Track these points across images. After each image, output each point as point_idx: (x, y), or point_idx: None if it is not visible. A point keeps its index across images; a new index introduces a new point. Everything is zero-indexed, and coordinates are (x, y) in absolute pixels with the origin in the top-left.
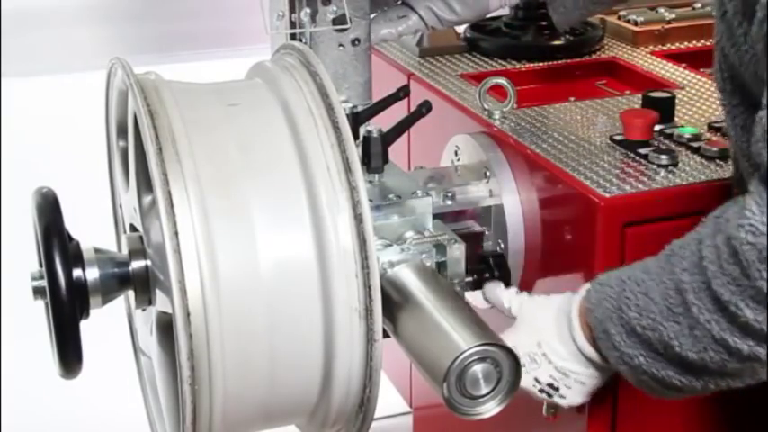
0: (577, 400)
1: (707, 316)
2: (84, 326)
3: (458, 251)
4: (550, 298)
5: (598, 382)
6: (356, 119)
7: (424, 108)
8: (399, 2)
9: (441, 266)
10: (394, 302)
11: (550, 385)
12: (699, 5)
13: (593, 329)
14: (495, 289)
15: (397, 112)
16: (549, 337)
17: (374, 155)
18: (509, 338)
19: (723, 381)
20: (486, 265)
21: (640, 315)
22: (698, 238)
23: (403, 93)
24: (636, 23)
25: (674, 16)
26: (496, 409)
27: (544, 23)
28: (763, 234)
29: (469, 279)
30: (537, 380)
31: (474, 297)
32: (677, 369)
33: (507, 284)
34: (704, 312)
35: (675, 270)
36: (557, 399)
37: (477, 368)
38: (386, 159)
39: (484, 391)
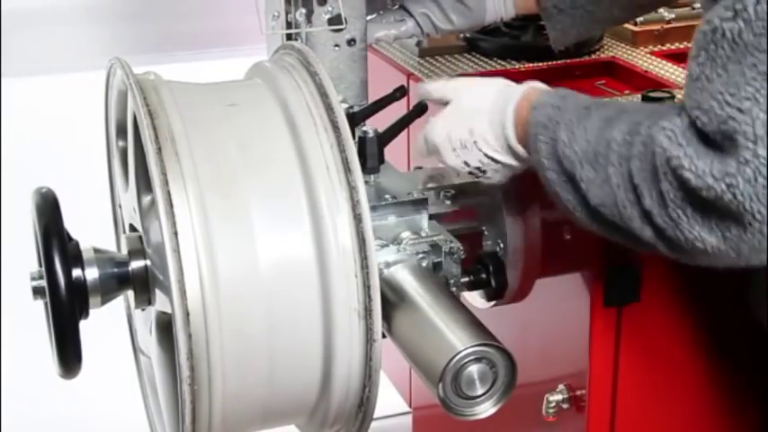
0: (500, 178)
1: (618, 181)
2: (84, 326)
3: (454, 252)
4: (489, 84)
5: (526, 166)
6: (352, 119)
7: (419, 108)
8: (397, 6)
9: (437, 267)
10: (390, 303)
11: (478, 168)
12: (698, 5)
13: (528, 125)
14: (425, 85)
15: (397, 113)
16: (482, 126)
17: (370, 155)
18: (441, 124)
19: (614, 235)
20: (482, 266)
21: (568, 142)
22: (645, 113)
23: (399, 93)
24: (635, 23)
25: (673, 16)
26: (492, 410)
27: (543, 24)
28: (677, 144)
29: (466, 279)
30: (466, 163)
31: (472, 297)
32: (579, 203)
33: (504, 287)
34: (617, 176)
35: (614, 127)
36: (482, 178)
37: (473, 369)
38: (381, 160)
39: (479, 391)
